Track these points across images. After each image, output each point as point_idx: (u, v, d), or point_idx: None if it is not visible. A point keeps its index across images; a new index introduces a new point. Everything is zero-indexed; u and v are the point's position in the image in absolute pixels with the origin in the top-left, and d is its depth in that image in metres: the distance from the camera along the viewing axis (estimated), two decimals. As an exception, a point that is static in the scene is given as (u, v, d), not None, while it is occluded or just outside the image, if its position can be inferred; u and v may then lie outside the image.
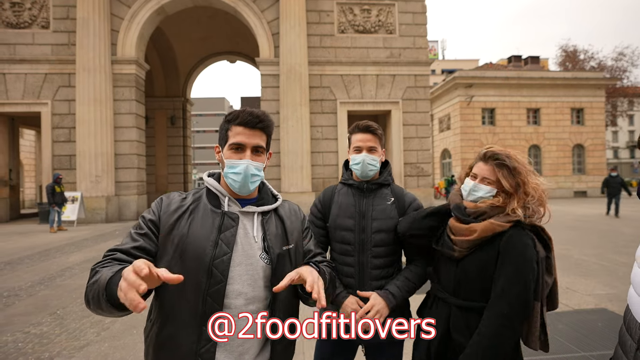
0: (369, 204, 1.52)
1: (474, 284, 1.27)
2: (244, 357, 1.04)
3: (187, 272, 0.97)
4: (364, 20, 13.36)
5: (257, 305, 1.05)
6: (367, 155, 1.50)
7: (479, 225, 1.26)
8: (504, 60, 36.83)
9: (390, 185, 1.59)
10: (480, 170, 1.34)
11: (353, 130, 1.56)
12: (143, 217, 1.07)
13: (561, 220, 10.84)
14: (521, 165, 1.32)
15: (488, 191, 1.31)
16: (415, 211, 1.52)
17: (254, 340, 1.05)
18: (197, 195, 1.12)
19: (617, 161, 49.51)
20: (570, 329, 3.14)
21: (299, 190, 12.35)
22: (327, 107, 13.22)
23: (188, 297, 0.99)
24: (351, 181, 1.57)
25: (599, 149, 22.52)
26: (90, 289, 0.90)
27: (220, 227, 1.03)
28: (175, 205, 1.07)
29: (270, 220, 1.12)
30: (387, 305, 1.42)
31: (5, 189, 13.42)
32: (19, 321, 3.54)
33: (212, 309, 0.99)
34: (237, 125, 1.08)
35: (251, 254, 1.05)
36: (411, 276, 1.49)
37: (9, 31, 12.19)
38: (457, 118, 21.90)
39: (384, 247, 1.49)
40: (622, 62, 27.00)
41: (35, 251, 7.16)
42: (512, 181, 1.29)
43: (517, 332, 1.20)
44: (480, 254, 1.27)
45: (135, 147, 12.53)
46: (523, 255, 1.21)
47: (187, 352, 0.98)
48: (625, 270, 5.08)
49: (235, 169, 1.06)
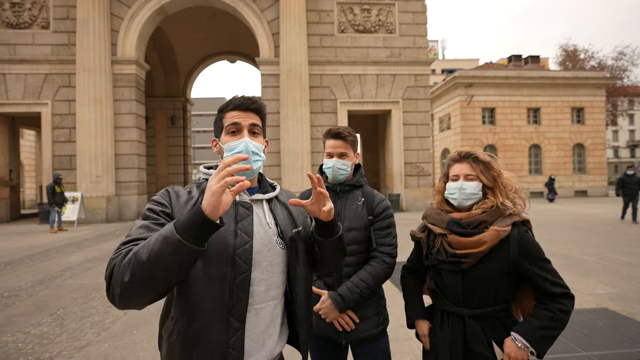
0: (342, 205, 1.61)
1: (486, 291, 1.30)
2: (267, 343, 1.06)
3: (210, 265, 0.97)
4: (364, 19, 13.35)
5: (276, 291, 1.08)
6: (337, 161, 1.59)
7: (486, 235, 1.28)
8: (504, 59, 36.80)
9: (363, 187, 1.67)
10: (459, 170, 1.39)
11: (326, 136, 1.65)
12: (151, 209, 1.01)
13: (562, 219, 10.82)
14: (492, 160, 1.40)
15: (476, 186, 1.36)
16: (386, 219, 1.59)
17: (276, 325, 1.08)
18: (202, 187, 1.10)
19: (617, 160, 49.47)
20: (571, 329, 3.13)
21: (299, 190, 12.34)
22: (327, 107, 13.22)
23: (214, 289, 0.98)
24: (326, 184, 1.65)
25: (599, 149, 22.50)
26: (140, 252, 0.84)
27: (236, 217, 1.03)
28: (185, 198, 1.06)
29: (277, 207, 1.14)
30: (335, 308, 1.47)
31: (6, 189, 13.43)
32: (19, 321, 3.53)
33: (238, 298, 1.00)
34: (231, 111, 1.09)
35: (268, 240, 1.06)
36: (366, 276, 1.50)
37: (9, 31, 12.20)
38: (457, 117, 21.88)
39: (356, 245, 1.55)
40: (622, 61, 27.00)
41: (35, 251, 7.16)
42: (489, 175, 1.37)
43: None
44: (489, 261, 1.29)
45: (136, 147, 12.53)
46: (539, 250, 1.30)
47: (217, 344, 0.98)
48: (627, 269, 5.08)
49: (235, 149, 1.04)
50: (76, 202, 11.11)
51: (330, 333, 1.53)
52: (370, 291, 1.50)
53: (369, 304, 1.55)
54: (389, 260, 1.54)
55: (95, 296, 4.30)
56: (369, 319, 1.54)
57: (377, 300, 1.59)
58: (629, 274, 4.83)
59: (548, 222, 10.18)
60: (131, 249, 0.89)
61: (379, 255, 1.54)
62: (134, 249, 0.87)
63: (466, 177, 1.37)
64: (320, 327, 1.54)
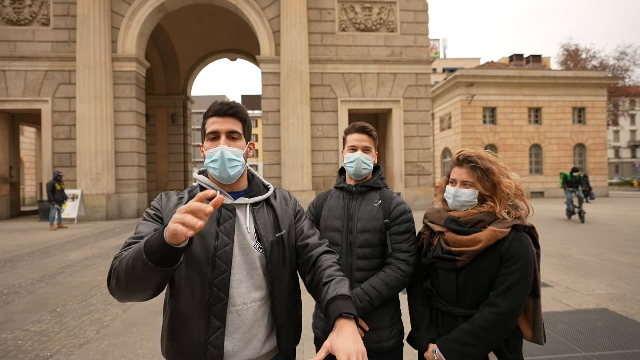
0: (356, 206, 1.54)
1: (478, 291, 1.28)
2: (252, 343, 1.09)
3: (193, 264, 1.03)
4: (365, 18, 13.31)
5: (259, 293, 1.11)
6: (362, 154, 1.52)
7: (483, 235, 1.26)
8: (505, 58, 36.73)
9: (381, 189, 1.58)
10: (457, 175, 1.35)
11: (349, 131, 1.59)
12: (148, 212, 1.12)
13: (562, 219, 10.82)
14: (494, 165, 1.32)
15: (471, 194, 1.33)
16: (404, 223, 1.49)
17: (260, 326, 1.11)
18: (193, 193, 1.17)
19: (618, 161, 49.42)
20: (570, 329, 3.13)
21: (299, 189, 12.34)
22: (327, 106, 13.20)
23: (195, 287, 1.04)
24: (342, 184, 1.60)
25: (600, 149, 22.47)
26: (122, 261, 0.90)
27: (218, 220, 1.07)
28: (174, 202, 1.13)
29: (262, 210, 1.16)
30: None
31: (6, 186, 13.42)
32: (18, 319, 3.53)
33: (218, 298, 1.04)
34: (211, 117, 1.13)
35: (245, 245, 1.10)
36: (378, 284, 1.41)
37: (9, 28, 12.17)
38: (458, 117, 21.85)
39: (369, 248, 1.48)
40: (624, 61, 26.93)
41: (35, 249, 7.17)
42: (487, 183, 1.30)
43: (509, 332, 1.23)
44: (483, 261, 1.27)
45: (136, 144, 12.52)
46: (526, 256, 1.24)
47: (197, 341, 1.03)
48: (627, 270, 5.07)
49: (212, 157, 1.09)
50: (76, 199, 11.11)
51: None
52: (381, 300, 1.41)
53: (381, 313, 1.45)
54: (404, 267, 1.43)
55: (95, 294, 4.30)
56: (380, 330, 1.44)
57: (392, 310, 1.50)
58: (629, 275, 4.82)
59: (548, 222, 10.18)
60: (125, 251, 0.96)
61: (394, 262, 1.44)
62: (122, 255, 0.94)
63: (463, 183, 1.34)
64: (327, 334, 1.46)
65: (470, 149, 1.41)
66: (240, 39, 17.96)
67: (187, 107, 19.84)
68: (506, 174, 1.33)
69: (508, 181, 1.31)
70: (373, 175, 1.60)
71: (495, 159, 1.35)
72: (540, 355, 2.68)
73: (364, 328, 1.43)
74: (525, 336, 1.32)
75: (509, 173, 1.35)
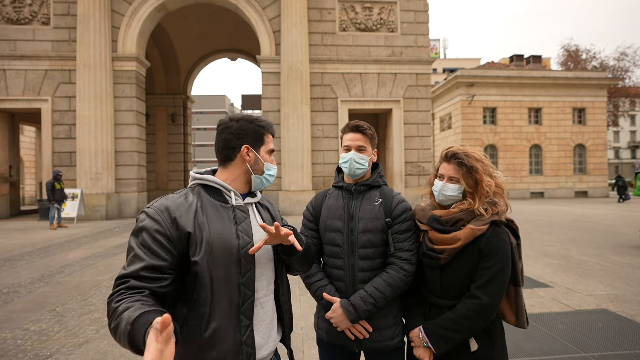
0: (357, 206, 1.51)
1: (461, 284, 1.36)
2: (270, 335, 1.16)
3: (217, 266, 1.04)
4: (366, 18, 13.31)
5: (273, 285, 1.20)
6: (355, 154, 1.50)
7: (461, 233, 1.33)
8: (505, 59, 36.72)
9: (381, 187, 1.57)
10: (445, 170, 1.42)
11: (344, 130, 1.58)
12: (151, 237, 1.00)
13: (562, 220, 10.82)
14: (479, 164, 1.38)
15: (456, 189, 1.39)
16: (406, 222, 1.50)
17: (274, 315, 1.19)
18: (195, 192, 1.13)
19: (618, 161, 49.44)
20: (570, 330, 3.13)
21: (299, 189, 12.35)
22: (328, 105, 13.19)
23: (225, 289, 1.05)
24: (341, 183, 1.58)
25: (600, 149, 22.48)
26: (114, 331, 0.87)
27: (235, 220, 1.11)
28: (185, 206, 1.06)
29: (261, 209, 1.26)
30: (345, 318, 1.40)
31: (6, 185, 13.42)
32: (18, 318, 3.53)
33: (246, 296, 1.08)
34: (270, 134, 1.24)
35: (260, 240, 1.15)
36: (382, 285, 1.41)
37: (9, 27, 12.17)
38: (458, 117, 21.85)
39: (371, 248, 1.47)
40: (624, 62, 26.95)
41: (35, 248, 7.16)
42: (470, 180, 1.37)
43: (489, 321, 1.32)
44: (463, 258, 1.35)
45: (136, 144, 12.52)
46: (503, 250, 1.32)
47: (233, 342, 1.05)
48: (627, 271, 5.07)
49: (271, 171, 1.24)
50: (76, 198, 11.11)
51: (343, 340, 1.46)
52: (385, 301, 1.41)
53: (385, 313, 1.46)
54: (407, 267, 1.42)
55: (95, 293, 4.29)
56: (384, 329, 1.45)
57: (395, 310, 1.50)
58: (629, 275, 4.82)
59: (547, 222, 10.17)
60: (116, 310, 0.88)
61: (397, 262, 1.44)
62: (114, 309, 0.88)
63: (449, 178, 1.40)
64: (332, 335, 1.47)
65: (459, 145, 1.47)
66: (240, 38, 17.96)
67: (187, 106, 19.83)
68: (489, 173, 1.39)
69: (489, 180, 1.37)
70: (372, 174, 1.59)
71: (481, 157, 1.41)
72: (541, 356, 2.67)
73: (368, 329, 1.43)
74: (510, 321, 1.40)
75: (493, 172, 1.41)
